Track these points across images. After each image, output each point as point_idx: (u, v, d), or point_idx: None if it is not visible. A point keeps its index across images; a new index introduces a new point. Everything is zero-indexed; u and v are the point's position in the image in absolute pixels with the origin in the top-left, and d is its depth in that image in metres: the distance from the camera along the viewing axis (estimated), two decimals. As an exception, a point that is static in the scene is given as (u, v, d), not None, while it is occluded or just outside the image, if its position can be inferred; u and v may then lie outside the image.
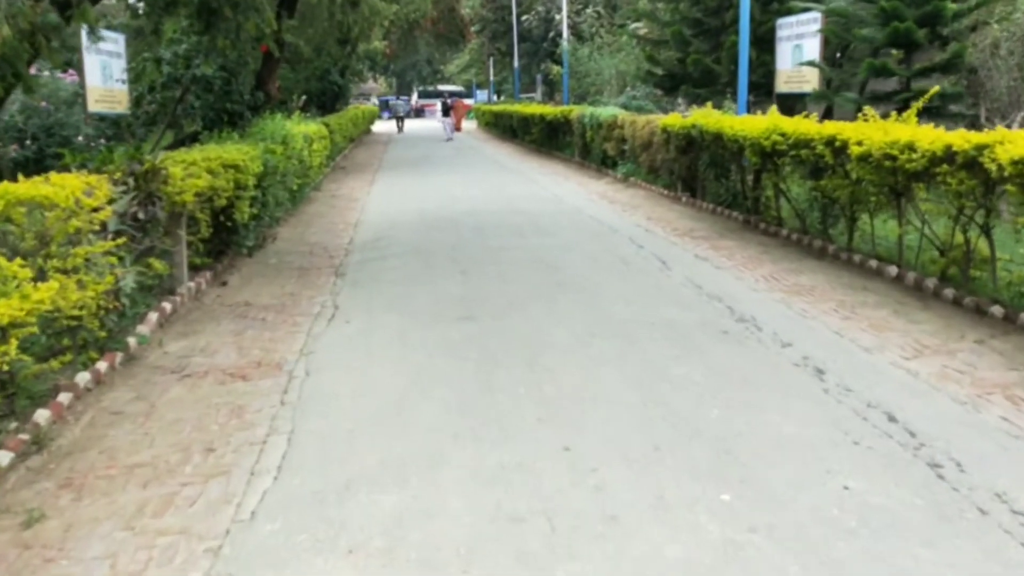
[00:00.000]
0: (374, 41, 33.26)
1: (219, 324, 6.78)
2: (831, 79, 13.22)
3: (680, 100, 25.27)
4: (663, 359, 5.38)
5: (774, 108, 10.50)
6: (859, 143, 7.45)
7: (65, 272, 4.35)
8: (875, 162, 7.24)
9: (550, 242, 9.86)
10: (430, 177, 18.79)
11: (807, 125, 8.79)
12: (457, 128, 36.65)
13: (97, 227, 4.72)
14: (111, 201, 5.43)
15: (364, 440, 4.35)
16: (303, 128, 13.66)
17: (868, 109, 8.04)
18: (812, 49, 14.31)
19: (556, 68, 36.46)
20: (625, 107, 20.92)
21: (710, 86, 17.99)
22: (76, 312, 4.46)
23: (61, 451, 4.39)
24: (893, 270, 7.57)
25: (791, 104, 15.71)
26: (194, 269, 8.23)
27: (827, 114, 13.99)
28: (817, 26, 13.86)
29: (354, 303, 7.29)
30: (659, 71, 19.48)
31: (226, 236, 8.61)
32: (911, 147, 6.86)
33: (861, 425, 4.38)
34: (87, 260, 4.58)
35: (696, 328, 6.11)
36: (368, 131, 42.79)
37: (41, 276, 4.22)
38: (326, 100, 31.14)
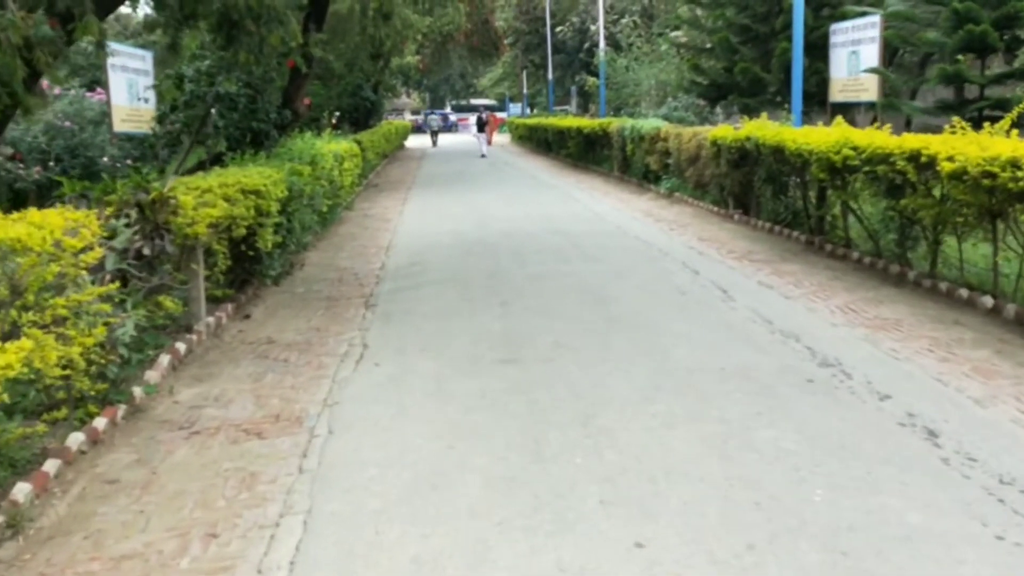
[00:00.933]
0: (407, 55, 32.90)
1: (237, 366, 6.14)
2: (896, 87, 12.31)
3: (718, 111, 24.41)
4: (743, 418, 4.59)
5: (839, 119, 9.66)
6: (950, 159, 6.60)
7: (45, 326, 3.70)
8: (971, 180, 6.39)
9: (596, 268, 9.10)
10: (464, 195, 18.15)
11: (883, 138, 7.95)
12: (488, 142, 36.03)
13: (84, 271, 4.07)
14: (111, 236, 4.80)
15: (394, 527, 3.62)
16: (333, 146, 13.10)
17: (957, 120, 7.18)
18: (870, 56, 13.45)
19: (591, 80, 35.76)
20: (666, 118, 20.14)
21: (758, 96, 17.17)
22: (59, 372, 3.81)
23: (41, 535, 3.73)
24: (988, 301, 6.70)
25: (842, 114, 14.88)
26: (214, 302, 7.63)
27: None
28: (876, 31, 13.00)
29: (385, 341, 6.61)
30: (703, 80, 18.66)
31: (249, 265, 8.00)
32: (1015, 164, 6.01)
33: (999, 510, 3.56)
34: (74, 309, 3.94)
35: (775, 376, 5.30)
36: (402, 147, 42.48)
37: (15, 332, 3.57)
38: (359, 116, 30.77)
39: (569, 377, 5.43)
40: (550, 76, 42.84)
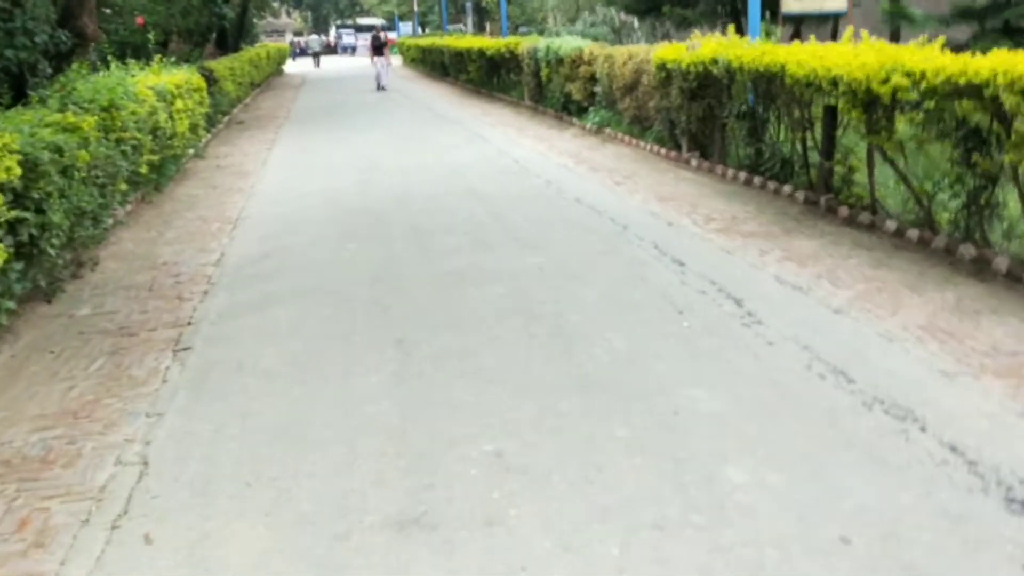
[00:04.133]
0: (276, -34, 28.54)
1: None
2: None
3: (638, 29, 21.51)
4: None
5: (851, 31, 7.00)
6: None
7: None
8: None
9: (535, 261, 6.21)
10: (347, 135, 14.80)
11: (958, 60, 5.31)
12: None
13: None
14: None
15: None
16: (156, 81, 9.61)
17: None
18: (839, -47, 10.87)
19: (489, -6, 32.14)
20: (581, 36, 17.17)
21: (695, 6, 14.38)
22: None
23: None
24: None
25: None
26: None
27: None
28: (853, -80, 10.39)
29: (183, 452, 3.64)
30: (629, -10, 15.70)
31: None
32: None
33: None
34: None
35: None
36: (279, 72, 38.03)
37: None
38: (225, 40, 26.45)
39: (540, 581, 2.62)
40: (442, -9, 38.84)
